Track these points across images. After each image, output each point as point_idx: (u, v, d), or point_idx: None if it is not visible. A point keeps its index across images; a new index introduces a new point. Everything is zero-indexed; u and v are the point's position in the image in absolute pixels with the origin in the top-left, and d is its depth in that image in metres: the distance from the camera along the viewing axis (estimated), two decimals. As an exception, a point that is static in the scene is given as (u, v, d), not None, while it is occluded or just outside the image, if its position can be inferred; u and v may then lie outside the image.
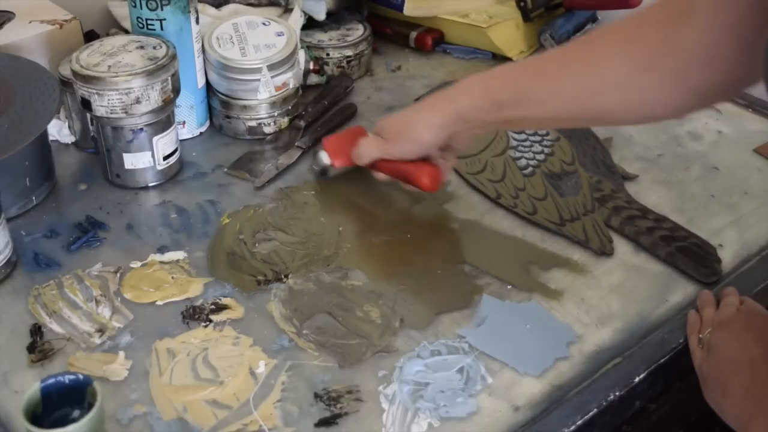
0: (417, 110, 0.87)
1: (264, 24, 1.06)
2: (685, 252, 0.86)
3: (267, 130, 1.05)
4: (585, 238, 0.88)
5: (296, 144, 1.03)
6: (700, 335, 0.74)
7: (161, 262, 0.85)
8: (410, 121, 0.87)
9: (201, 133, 1.06)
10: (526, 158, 1.00)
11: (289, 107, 1.06)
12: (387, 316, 0.79)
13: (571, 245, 0.88)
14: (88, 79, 0.88)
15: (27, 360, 0.75)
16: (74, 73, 0.90)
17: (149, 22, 0.96)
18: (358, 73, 1.18)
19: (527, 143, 1.02)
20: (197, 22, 0.99)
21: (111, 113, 0.90)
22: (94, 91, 0.89)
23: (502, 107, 0.78)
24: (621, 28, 0.74)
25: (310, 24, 1.16)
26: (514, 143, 1.02)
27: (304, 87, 1.12)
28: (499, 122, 0.81)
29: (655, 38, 0.69)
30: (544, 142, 1.02)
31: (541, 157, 1.00)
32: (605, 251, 0.87)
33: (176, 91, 0.94)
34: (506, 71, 0.83)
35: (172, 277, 0.83)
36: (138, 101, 0.89)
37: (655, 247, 0.87)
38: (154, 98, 0.90)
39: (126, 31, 1.11)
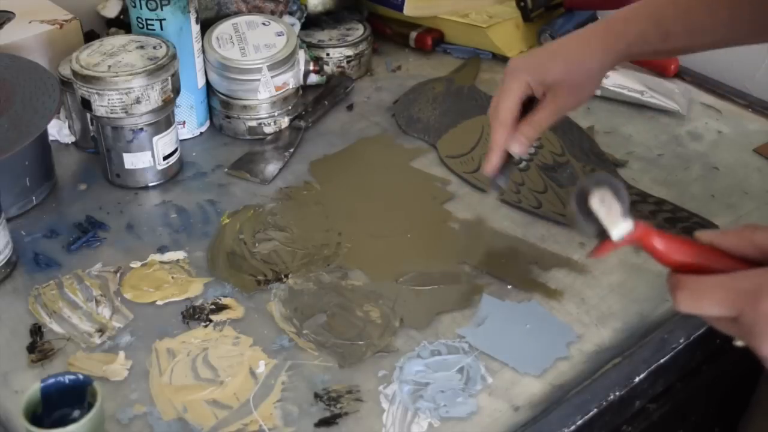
0: (581, 39, 0.78)
1: (264, 24, 1.06)
2: (690, 232, 0.85)
3: (267, 130, 1.05)
4: None
5: (296, 144, 1.03)
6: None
7: (161, 262, 0.85)
8: (572, 47, 0.78)
9: (201, 133, 1.06)
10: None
11: (289, 107, 1.06)
12: (387, 316, 0.79)
13: (571, 245, 0.88)
14: (88, 79, 0.88)
15: (27, 360, 0.75)
16: (74, 73, 0.90)
17: (149, 22, 0.96)
18: (358, 73, 1.18)
19: None
20: (197, 22, 0.99)
21: (111, 113, 0.90)
22: (94, 91, 0.89)
23: (670, 38, 0.76)
24: None
25: (310, 24, 1.17)
26: None
27: (304, 87, 1.12)
28: (660, 53, 0.78)
29: None
30: None
31: (531, 150, 1.00)
32: None
33: (176, 91, 0.94)
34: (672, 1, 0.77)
35: (172, 277, 0.83)
36: (138, 101, 0.89)
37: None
38: (154, 98, 0.90)
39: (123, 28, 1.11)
